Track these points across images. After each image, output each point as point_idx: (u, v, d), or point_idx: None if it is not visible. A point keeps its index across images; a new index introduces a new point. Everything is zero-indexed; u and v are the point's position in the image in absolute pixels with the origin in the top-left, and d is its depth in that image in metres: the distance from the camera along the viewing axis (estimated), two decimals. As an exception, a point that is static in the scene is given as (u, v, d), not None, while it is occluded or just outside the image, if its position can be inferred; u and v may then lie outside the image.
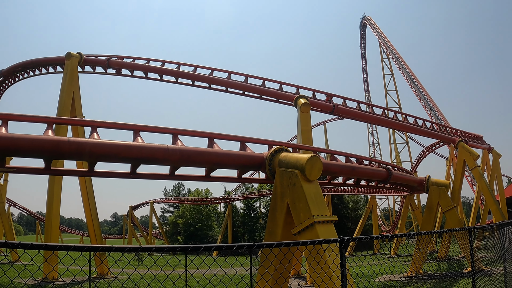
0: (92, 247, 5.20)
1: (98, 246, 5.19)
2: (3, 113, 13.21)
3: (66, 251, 4.93)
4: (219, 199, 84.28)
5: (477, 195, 52.93)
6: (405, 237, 65.87)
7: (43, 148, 11.71)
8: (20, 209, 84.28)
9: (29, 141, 11.51)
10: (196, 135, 15.39)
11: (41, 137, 11.89)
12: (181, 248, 5.56)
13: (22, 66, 41.41)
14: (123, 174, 14.14)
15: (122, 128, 14.56)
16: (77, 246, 4.96)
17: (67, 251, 4.90)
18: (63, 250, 4.87)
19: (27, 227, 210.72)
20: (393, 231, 73.22)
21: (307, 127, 29.51)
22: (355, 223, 75.73)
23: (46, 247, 4.69)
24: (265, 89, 35.48)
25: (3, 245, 4.50)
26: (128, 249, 5.21)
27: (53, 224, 30.61)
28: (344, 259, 7.08)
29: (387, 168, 21.29)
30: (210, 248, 5.78)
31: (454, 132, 44.25)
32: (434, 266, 35.49)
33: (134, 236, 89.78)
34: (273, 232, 14.05)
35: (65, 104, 32.94)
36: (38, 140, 11.69)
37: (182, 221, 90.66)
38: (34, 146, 11.58)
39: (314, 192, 13.08)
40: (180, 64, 36.89)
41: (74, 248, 4.92)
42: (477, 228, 16.93)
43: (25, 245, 4.59)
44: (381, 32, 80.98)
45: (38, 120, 13.61)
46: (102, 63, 37.44)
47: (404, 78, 66.26)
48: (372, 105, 40.34)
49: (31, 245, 4.62)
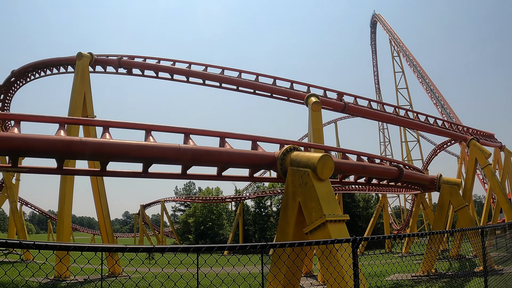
0: (107, 247, 5.20)
1: (112, 246, 5.18)
2: (15, 113, 13.31)
3: (81, 252, 4.94)
4: (230, 197, 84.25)
5: (489, 193, 52.57)
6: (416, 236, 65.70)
7: (55, 148, 11.78)
8: (32, 208, 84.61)
9: (42, 142, 11.57)
10: (208, 134, 15.41)
11: (54, 137, 11.96)
12: (194, 248, 5.58)
13: (34, 67, 41.58)
14: (135, 173, 14.19)
15: (134, 128, 14.60)
16: (91, 246, 4.96)
17: (81, 251, 4.91)
18: (77, 250, 4.88)
19: (38, 225, 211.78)
20: (404, 230, 72.95)
21: (318, 125, 29.49)
22: (366, 222, 75.59)
23: (60, 247, 4.69)
24: (276, 87, 35.47)
25: (18, 246, 4.51)
26: (142, 249, 5.21)
27: (65, 223, 30.75)
28: (357, 258, 7.07)
29: (398, 167, 21.22)
30: (223, 248, 5.79)
31: (466, 130, 44.07)
32: (445, 265, 35.36)
33: (145, 235, 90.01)
34: (284, 231, 14.04)
35: (76, 104, 33.08)
36: (51, 140, 11.76)
37: (193, 219, 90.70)
38: (46, 146, 11.65)
39: (326, 191, 13.06)
40: (190, 63, 36.93)
41: (89, 248, 4.92)
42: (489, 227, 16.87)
43: (40, 246, 4.59)
44: (392, 29, 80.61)
45: (50, 121, 13.66)
46: (113, 62, 37.55)
47: (415, 76, 65.98)
48: (383, 103, 40.24)
49: (45, 245, 4.62)
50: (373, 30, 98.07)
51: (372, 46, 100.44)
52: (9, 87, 44.61)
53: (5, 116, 23.11)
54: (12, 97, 45.81)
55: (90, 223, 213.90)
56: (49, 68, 41.15)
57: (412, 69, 67.47)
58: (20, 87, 45.04)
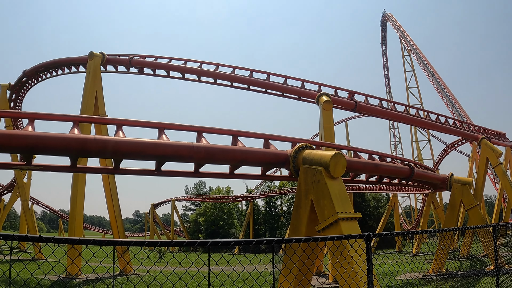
0: (112, 241, 5.29)
1: (117, 240, 5.31)
2: (29, 112, 13.41)
3: (86, 245, 5.05)
4: (241, 197, 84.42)
5: (500, 193, 52.31)
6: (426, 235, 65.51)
7: (70, 146, 11.88)
8: (43, 207, 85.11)
9: (56, 140, 11.68)
10: (220, 132, 15.46)
11: (68, 136, 12.06)
12: (200, 243, 5.67)
13: (45, 67, 41.89)
14: (148, 171, 14.25)
15: (147, 126, 14.67)
16: (96, 240, 5.06)
17: (87, 244, 5.03)
18: (83, 244, 5.01)
19: (50, 224, 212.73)
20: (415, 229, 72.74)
21: (330, 124, 29.52)
22: (376, 221, 75.47)
23: (66, 240, 4.80)
24: (287, 86, 35.54)
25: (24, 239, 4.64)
26: (147, 243, 5.30)
27: (77, 221, 30.95)
28: (371, 254, 7.11)
29: (409, 165, 21.21)
30: (229, 243, 5.85)
31: (477, 129, 43.92)
32: (456, 265, 35.29)
33: (156, 234, 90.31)
34: (297, 229, 14.09)
35: (88, 103, 33.28)
36: (65, 138, 11.86)
37: (204, 219, 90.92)
38: (61, 144, 11.75)
39: (338, 189, 13.10)
40: (202, 62, 37.06)
41: (94, 242, 5.03)
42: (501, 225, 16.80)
43: (47, 239, 4.70)
44: (402, 28, 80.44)
45: (64, 119, 13.74)
46: (125, 62, 37.75)
47: (426, 75, 65.75)
48: (394, 102, 40.18)
49: (53, 238, 4.72)
50: (383, 29, 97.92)
51: (382, 45, 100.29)
52: (21, 87, 44.95)
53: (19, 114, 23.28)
54: (24, 97, 46.14)
55: (100, 222, 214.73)
56: (61, 68, 41.45)
57: (422, 68, 67.26)
58: (31, 87, 45.41)
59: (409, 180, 21.91)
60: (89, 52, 35.76)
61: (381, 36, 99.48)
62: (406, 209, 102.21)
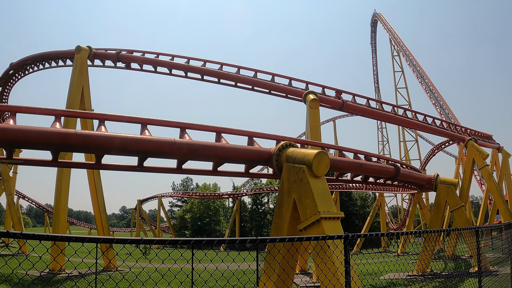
0: (94, 238, 5.17)
1: (99, 238, 5.17)
2: (11, 105, 13.28)
3: (68, 242, 4.91)
4: (227, 194, 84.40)
5: (486, 194, 52.60)
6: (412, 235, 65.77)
7: (50, 140, 11.73)
8: (29, 201, 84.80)
9: (36, 133, 11.53)
10: (204, 129, 15.35)
11: (49, 130, 11.91)
12: (183, 241, 5.55)
13: (32, 59, 41.55)
14: (130, 167, 14.13)
15: (130, 121, 14.52)
16: (78, 237, 4.94)
17: (69, 241, 4.89)
18: (65, 240, 4.87)
19: (36, 219, 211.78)
20: (401, 229, 73.00)
21: (316, 123, 29.46)
22: (363, 220, 75.60)
23: (48, 237, 4.69)
24: (274, 84, 35.44)
25: (5, 235, 4.50)
26: (130, 241, 5.19)
27: (61, 217, 30.69)
28: (349, 255, 7.04)
29: (395, 166, 21.20)
30: (212, 242, 5.76)
31: (464, 130, 44.02)
32: (441, 265, 35.41)
33: (142, 230, 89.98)
34: (279, 228, 14.00)
35: (74, 97, 33.01)
36: (46, 132, 11.71)
37: (190, 215, 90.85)
38: (41, 138, 11.60)
39: (321, 188, 13.03)
40: (189, 58, 36.89)
41: (76, 239, 4.91)
42: (485, 227, 16.80)
43: (27, 235, 4.59)
44: (392, 29, 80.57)
45: (46, 113, 13.60)
46: (112, 56, 37.47)
47: (415, 76, 65.87)
48: (381, 102, 40.19)
49: (33, 235, 4.61)
50: (374, 29, 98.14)
51: (372, 45, 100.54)
52: (8, 80, 44.57)
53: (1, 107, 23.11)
54: (11, 89, 45.77)
55: (87, 217, 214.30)
56: (48, 61, 41.11)
57: (411, 69, 67.39)
58: (18, 80, 45.01)
59: (395, 180, 21.92)
60: (76, 46, 35.46)
61: (371, 36, 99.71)
62: (393, 208, 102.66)
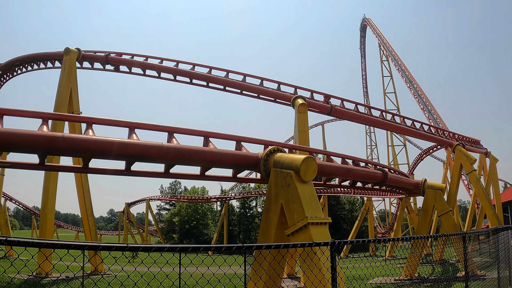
0: (80, 245, 5.11)
1: (85, 244, 5.13)
2: (-3, 107, 13.15)
3: (53, 249, 4.88)
4: (216, 197, 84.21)
5: (473, 199, 52.87)
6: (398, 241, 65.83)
7: (37, 143, 11.66)
8: (17, 203, 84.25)
9: (23, 136, 11.45)
10: (192, 133, 15.32)
11: (36, 133, 11.83)
12: (168, 248, 5.52)
13: (21, 61, 41.34)
14: (117, 171, 14.08)
15: (117, 125, 14.46)
16: (64, 243, 4.89)
17: (54, 248, 4.85)
18: (50, 247, 4.83)
19: (23, 221, 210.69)
20: (389, 233, 73.16)
21: (304, 127, 29.45)
22: (351, 225, 75.63)
23: (33, 244, 4.64)
24: (263, 88, 35.47)
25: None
26: (115, 248, 5.15)
27: (48, 220, 30.51)
28: (335, 262, 7.03)
29: (383, 171, 21.25)
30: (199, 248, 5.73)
31: (452, 135, 44.20)
32: (428, 270, 35.50)
33: (130, 233, 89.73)
34: (266, 233, 13.98)
35: (62, 100, 32.86)
36: (33, 135, 11.63)
37: (178, 219, 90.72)
38: (28, 142, 11.52)
39: (308, 193, 13.01)
40: (178, 62, 36.79)
41: (61, 245, 4.86)
42: (471, 233, 16.87)
43: (12, 242, 4.54)
44: (381, 34, 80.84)
45: (33, 116, 13.52)
46: (101, 59, 37.32)
47: (403, 81, 66.18)
48: (370, 107, 40.28)
49: (18, 241, 4.57)
50: (363, 34, 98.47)
51: (361, 50, 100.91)
52: (-4, 81, 44.34)
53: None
54: (-2, 91, 45.55)
55: (74, 220, 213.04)
56: (36, 62, 40.89)
57: (400, 74, 67.67)
58: (6, 81, 44.75)
59: (382, 185, 22.00)
60: (65, 47, 35.32)
61: (360, 41, 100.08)
62: (381, 212, 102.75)
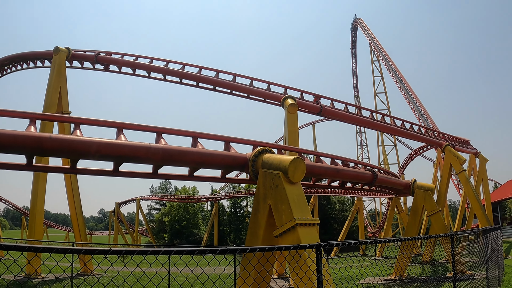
0: (76, 249, 5.08)
1: (80, 249, 5.10)
2: (-16, 108, 13.06)
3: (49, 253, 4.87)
4: (206, 197, 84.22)
5: (463, 199, 53.13)
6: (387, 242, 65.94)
7: (24, 144, 11.57)
8: (6, 203, 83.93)
9: (10, 137, 11.35)
10: (180, 134, 15.25)
11: (22, 133, 11.75)
12: (164, 251, 5.53)
13: (10, 60, 41.15)
14: (105, 172, 13.99)
15: (105, 126, 14.36)
16: (60, 248, 4.89)
17: (50, 253, 4.86)
18: (46, 252, 4.85)
19: (13, 221, 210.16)
20: (379, 233, 73.36)
21: (294, 127, 29.43)
22: (341, 224, 75.72)
23: (30, 249, 4.62)
24: (253, 88, 35.45)
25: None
26: (111, 252, 5.12)
27: (37, 220, 30.40)
28: (321, 265, 6.98)
29: (372, 171, 21.27)
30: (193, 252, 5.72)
31: (442, 136, 44.32)
32: (418, 269, 35.56)
33: (120, 233, 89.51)
34: (255, 234, 13.93)
35: (52, 99, 32.69)
36: (20, 136, 11.54)
37: (169, 218, 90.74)
38: (15, 142, 11.42)
39: (296, 194, 12.98)
40: (168, 61, 36.69)
41: (57, 250, 4.86)
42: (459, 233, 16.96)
43: (3, 246, 4.48)
44: (372, 34, 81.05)
45: (20, 116, 13.41)
46: (90, 58, 37.15)
47: (394, 81, 66.42)
48: (360, 107, 40.29)
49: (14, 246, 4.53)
50: (354, 34, 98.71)
51: (352, 50, 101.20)
52: (-16, 80, 44.16)
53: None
54: (-13, 90, 45.34)
55: (64, 220, 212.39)
56: (26, 61, 40.72)
57: (391, 74, 67.88)
58: (-4, 81, 44.60)
59: (372, 186, 22.00)
60: (55, 46, 35.13)
61: (351, 41, 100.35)
62: (371, 212, 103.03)
